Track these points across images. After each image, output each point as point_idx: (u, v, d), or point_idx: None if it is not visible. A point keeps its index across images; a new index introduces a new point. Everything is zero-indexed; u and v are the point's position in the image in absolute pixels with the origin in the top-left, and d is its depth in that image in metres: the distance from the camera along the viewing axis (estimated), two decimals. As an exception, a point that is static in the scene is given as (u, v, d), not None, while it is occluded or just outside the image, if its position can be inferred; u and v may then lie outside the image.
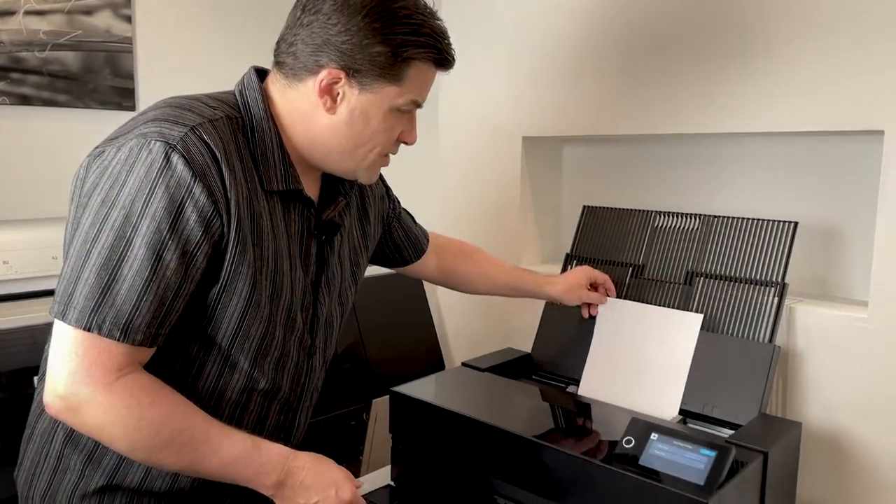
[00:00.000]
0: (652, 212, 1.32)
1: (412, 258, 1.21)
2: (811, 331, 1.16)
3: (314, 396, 1.01)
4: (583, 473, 0.92)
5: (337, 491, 0.83)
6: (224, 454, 0.80)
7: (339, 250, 0.99)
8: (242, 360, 0.87)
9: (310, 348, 0.95)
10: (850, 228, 1.24)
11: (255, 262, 0.83)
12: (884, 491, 1.10)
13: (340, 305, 1.01)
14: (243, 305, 0.84)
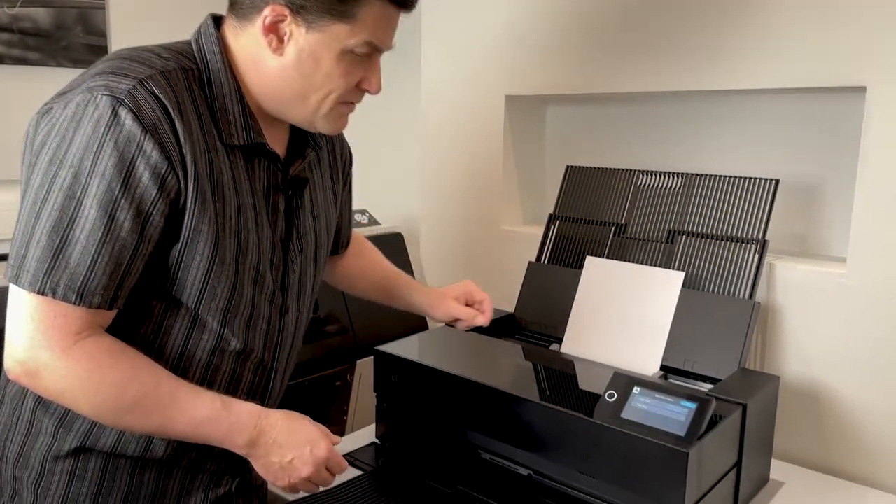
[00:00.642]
0: (635, 171, 1.32)
1: (342, 247, 1.16)
2: (790, 287, 1.18)
3: (291, 358, 0.99)
4: (566, 427, 0.93)
5: (312, 448, 0.82)
6: (193, 415, 0.79)
7: (312, 206, 0.96)
8: (211, 321, 0.85)
9: (282, 307, 0.92)
10: (829, 186, 1.25)
11: (216, 220, 0.81)
12: (857, 441, 1.13)
13: (315, 264, 0.98)
14: (207, 264, 0.82)
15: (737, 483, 0.99)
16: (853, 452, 1.14)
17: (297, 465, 0.81)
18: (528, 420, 0.97)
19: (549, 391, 1.04)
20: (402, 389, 1.12)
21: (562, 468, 0.95)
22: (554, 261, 1.36)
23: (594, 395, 0.96)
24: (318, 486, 0.86)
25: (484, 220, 1.62)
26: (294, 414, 0.85)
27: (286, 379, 1.00)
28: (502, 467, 1.02)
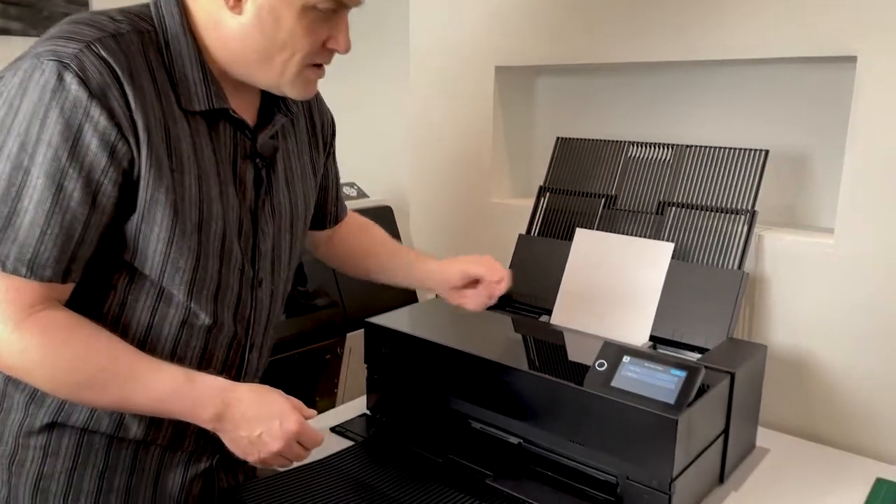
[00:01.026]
0: (625, 142, 1.32)
1: (331, 222, 1.11)
2: (778, 257, 1.18)
3: (269, 332, 0.96)
4: (556, 395, 0.94)
5: (281, 422, 0.79)
6: (154, 390, 0.77)
7: (286, 176, 0.93)
8: (177, 294, 0.82)
9: (253, 280, 0.90)
10: (818, 157, 1.26)
11: (174, 189, 0.78)
12: (841, 409, 1.15)
13: (291, 235, 0.95)
14: (167, 235, 0.79)
15: (724, 450, 1.00)
16: (837, 420, 1.15)
17: (267, 439, 0.79)
18: (519, 389, 0.98)
19: (539, 361, 1.05)
20: (393, 361, 1.13)
21: (552, 436, 0.96)
22: (544, 233, 1.36)
23: (584, 365, 0.97)
24: (291, 460, 0.84)
25: (474, 192, 1.62)
26: (263, 387, 0.83)
27: (266, 354, 0.98)
28: (493, 436, 1.03)
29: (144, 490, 0.87)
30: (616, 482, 0.91)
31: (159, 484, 0.88)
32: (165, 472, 0.89)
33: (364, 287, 1.61)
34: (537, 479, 0.97)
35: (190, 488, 0.91)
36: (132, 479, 0.86)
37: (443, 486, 0.96)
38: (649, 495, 0.88)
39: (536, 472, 0.98)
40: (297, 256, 0.98)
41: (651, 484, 0.87)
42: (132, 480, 0.86)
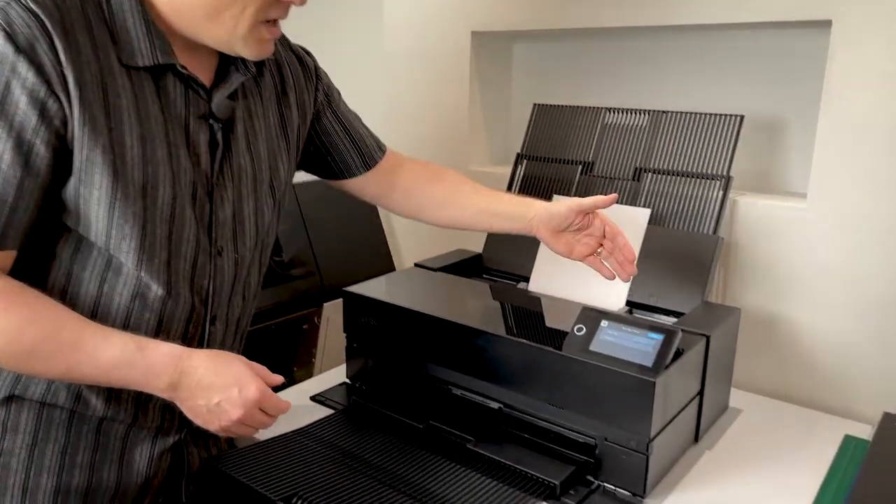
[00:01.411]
0: (602, 109, 1.31)
1: (358, 168, 1.05)
2: (752, 222, 1.20)
3: (236, 302, 0.92)
4: (536, 361, 0.94)
5: (240, 390, 0.77)
6: (102, 359, 0.74)
7: (249, 139, 0.88)
8: (125, 262, 0.79)
9: (211, 249, 0.86)
10: (791, 122, 1.27)
11: (112, 150, 0.74)
12: (812, 369, 1.18)
13: (256, 201, 0.90)
14: (108, 199, 0.75)
15: (699, 411, 1.02)
16: (808, 380, 1.18)
17: (226, 407, 0.77)
18: (499, 355, 0.98)
19: (519, 327, 1.05)
20: (373, 329, 1.12)
21: (532, 401, 0.97)
22: (521, 200, 1.36)
23: (562, 330, 0.98)
24: (256, 428, 0.82)
25: (451, 160, 1.60)
26: (222, 354, 0.80)
27: (235, 325, 0.94)
28: (473, 402, 1.04)
29: (109, 466, 0.85)
30: (595, 444, 0.93)
31: (125, 460, 0.86)
32: (131, 447, 0.87)
33: (341, 256, 1.61)
34: (518, 442, 0.98)
35: (159, 463, 0.89)
36: (96, 455, 0.84)
37: (424, 452, 0.97)
38: (627, 456, 0.89)
39: (517, 435, 0.99)
40: (267, 223, 0.94)
41: (629, 445, 0.89)
42: (96, 456, 0.84)
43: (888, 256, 1.08)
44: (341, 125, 1.04)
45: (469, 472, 0.93)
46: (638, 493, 0.89)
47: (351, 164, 1.05)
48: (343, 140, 1.04)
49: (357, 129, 1.06)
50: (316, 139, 1.03)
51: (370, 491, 0.87)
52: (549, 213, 1.01)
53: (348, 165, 1.05)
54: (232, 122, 0.86)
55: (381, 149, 1.09)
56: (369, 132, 1.08)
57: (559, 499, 0.89)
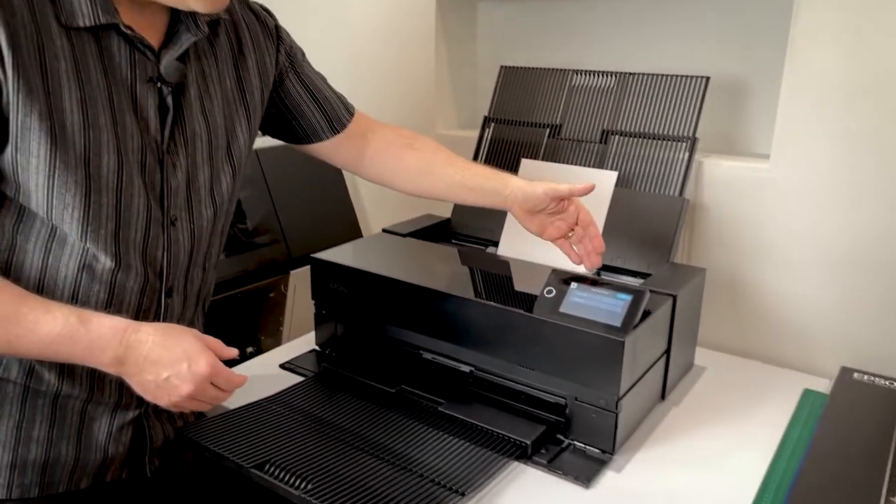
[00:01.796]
0: (569, 71, 1.31)
1: (325, 132, 1.01)
2: (717, 183, 1.21)
3: (194, 274, 0.89)
4: (507, 323, 0.95)
5: (190, 364, 0.74)
6: (42, 333, 0.71)
7: (203, 103, 0.85)
8: (70, 233, 0.76)
9: (164, 219, 0.83)
10: (755, 84, 1.27)
11: (50, 115, 0.71)
12: (774, 327, 1.21)
13: (212, 169, 0.87)
14: (47, 168, 0.72)
15: (666, 369, 1.04)
16: (769, 337, 1.21)
17: (175, 382, 0.74)
18: (469, 319, 0.98)
19: (488, 290, 1.06)
20: (341, 296, 1.11)
21: (503, 363, 0.98)
22: (490, 164, 1.35)
23: (532, 294, 0.98)
24: (209, 403, 0.80)
25: (417, 124, 1.58)
26: (172, 327, 0.77)
27: (195, 297, 0.92)
28: (444, 366, 1.04)
29: (67, 441, 0.83)
30: (565, 403, 0.94)
31: (84, 434, 0.84)
32: (89, 422, 0.85)
33: (307, 223, 1.59)
34: (489, 404, 0.99)
35: (119, 437, 0.87)
36: (53, 430, 0.82)
37: (396, 416, 0.97)
38: (597, 414, 0.91)
39: (487, 397, 1.00)
40: (226, 191, 0.90)
41: (599, 403, 0.90)
42: (53, 431, 0.82)
43: (850, 215, 1.10)
44: (305, 87, 1.00)
45: (441, 435, 0.93)
46: (607, 450, 0.91)
47: (317, 127, 1.02)
48: (308, 103, 1.01)
49: (323, 91, 1.02)
50: (279, 102, 0.99)
51: (343, 456, 0.87)
52: (525, 193, 1.00)
53: (314, 129, 1.02)
54: (183, 86, 0.83)
55: (349, 111, 1.05)
56: (336, 94, 1.05)
57: (531, 458, 0.90)
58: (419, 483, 0.82)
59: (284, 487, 0.80)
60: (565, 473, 0.88)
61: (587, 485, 0.86)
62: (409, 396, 1.03)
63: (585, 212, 1.03)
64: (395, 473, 0.84)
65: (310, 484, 0.80)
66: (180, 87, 0.82)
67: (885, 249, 1.08)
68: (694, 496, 0.85)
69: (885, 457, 0.87)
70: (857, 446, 0.90)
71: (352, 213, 1.70)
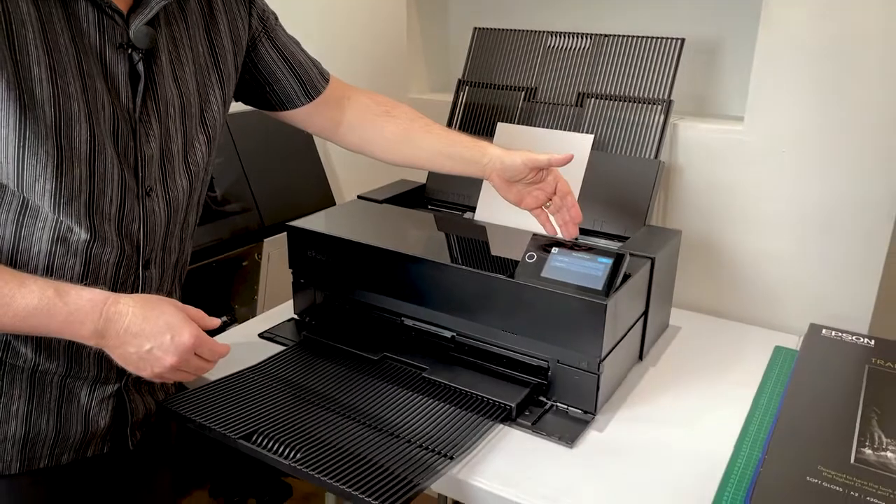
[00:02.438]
0: (544, 32, 1.29)
1: (299, 98, 1.00)
2: (691, 145, 1.22)
3: (175, 246, 0.89)
4: (489, 289, 0.95)
5: (173, 336, 0.74)
6: (18, 307, 0.70)
7: (175, 70, 0.83)
8: (42, 205, 0.74)
9: (139, 189, 0.81)
10: (728, 45, 1.28)
11: (17, 84, 0.69)
12: (746, 287, 1.24)
13: (186, 136, 0.85)
14: (16, 137, 0.70)
15: (644, 330, 1.06)
16: (741, 297, 1.24)
17: (158, 354, 0.74)
18: (451, 285, 0.98)
19: (469, 256, 1.05)
20: (320, 264, 1.10)
21: (485, 328, 0.99)
22: (464, 128, 1.34)
23: (512, 258, 0.99)
24: (193, 374, 0.80)
25: (389, 88, 1.56)
26: (152, 298, 0.76)
27: (172, 268, 0.91)
28: (426, 332, 1.04)
29: (48, 415, 0.82)
30: (547, 366, 0.95)
31: (64, 409, 0.83)
32: (69, 396, 0.84)
33: (279, 190, 1.57)
34: (472, 368, 1.00)
35: (99, 412, 0.86)
36: (32, 405, 0.81)
37: (381, 382, 0.98)
38: (579, 376, 0.92)
39: (470, 362, 1.01)
40: (201, 160, 0.89)
41: (581, 366, 0.92)
42: (32, 406, 0.81)
43: (821, 176, 1.12)
44: (279, 52, 0.98)
45: (427, 400, 0.94)
46: (589, 410, 0.93)
47: (292, 94, 1.00)
48: (282, 69, 0.98)
49: (297, 57, 1.00)
50: (252, 68, 0.97)
51: (330, 424, 0.87)
52: (504, 163, 1.00)
53: (289, 96, 1.00)
54: (154, 52, 0.80)
55: (324, 77, 1.04)
56: (311, 59, 1.03)
57: (515, 420, 0.92)
58: (407, 448, 0.83)
59: (274, 457, 0.80)
60: (549, 434, 0.89)
61: (571, 445, 0.88)
62: (392, 363, 1.03)
63: (563, 182, 1.03)
64: (384, 439, 0.85)
65: (299, 453, 0.80)
66: (151, 54, 0.80)
67: (854, 210, 1.11)
68: (675, 452, 0.87)
69: (854, 408, 0.91)
70: (828, 399, 0.94)
71: (324, 180, 1.68)
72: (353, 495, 0.73)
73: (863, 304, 1.14)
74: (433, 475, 0.79)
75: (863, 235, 1.11)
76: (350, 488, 0.74)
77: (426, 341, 1.05)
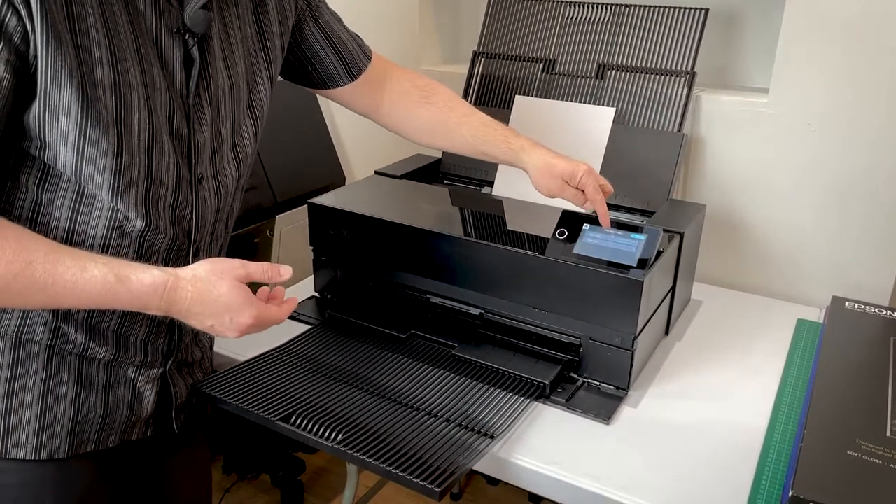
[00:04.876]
0: (562, 2, 1.27)
1: (342, 78, 0.99)
2: (714, 118, 1.21)
3: (219, 232, 0.87)
4: (520, 266, 0.94)
5: (232, 317, 0.74)
6: (80, 293, 0.69)
7: (225, 54, 0.81)
8: (99, 193, 0.73)
9: (192, 178, 0.80)
10: (750, 15, 1.26)
11: (81, 71, 0.67)
12: (768, 260, 1.24)
13: (234, 121, 0.83)
14: (77, 127, 0.68)
15: (671, 306, 1.06)
16: (763, 270, 1.25)
17: (221, 329, 0.75)
18: (480, 263, 0.98)
19: (496, 233, 1.04)
20: (342, 241, 1.09)
21: (515, 305, 0.98)
22: (480, 101, 1.32)
23: (539, 235, 0.98)
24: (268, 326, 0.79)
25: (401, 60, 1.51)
26: (213, 274, 0.73)
27: (217, 253, 0.89)
28: (454, 309, 1.03)
29: (95, 398, 0.81)
30: (579, 343, 0.95)
31: (110, 392, 0.83)
32: (116, 379, 0.83)
33: (290, 167, 1.54)
34: (501, 346, 1.00)
35: (145, 394, 0.85)
36: (80, 389, 0.80)
37: (411, 360, 0.97)
38: (612, 353, 0.92)
39: (499, 339, 1.00)
40: (248, 145, 0.87)
41: (614, 342, 0.92)
42: (80, 389, 0.80)
43: (845, 149, 1.12)
44: (323, 32, 0.96)
45: (458, 378, 0.94)
46: (622, 387, 0.93)
47: (335, 73, 0.99)
48: (325, 48, 0.97)
49: (340, 36, 0.99)
50: (296, 48, 0.95)
51: (365, 404, 0.87)
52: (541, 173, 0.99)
53: (331, 76, 0.99)
54: (207, 35, 0.78)
55: (366, 55, 1.02)
56: (353, 36, 1.01)
57: (549, 397, 0.92)
58: (447, 428, 0.83)
59: (315, 439, 0.79)
60: (585, 411, 0.89)
61: (608, 421, 0.88)
62: (420, 341, 1.02)
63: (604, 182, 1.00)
64: (422, 418, 0.84)
65: (340, 434, 0.79)
66: (204, 37, 0.78)
67: (876, 183, 1.11)
68: (710, 427, 0.88)
69: (884, 381, 0.91)
70: (858, 373, 0.94)
71: (334, 155, 1.65)
72: (402, 477, 0.73)
73: (885, 275, 1.14)
74: (476, 455, 0.79)
75: (885, 209, 1.11)
76: (398, 470, 0.74)
77: (453, 319, 1.04)
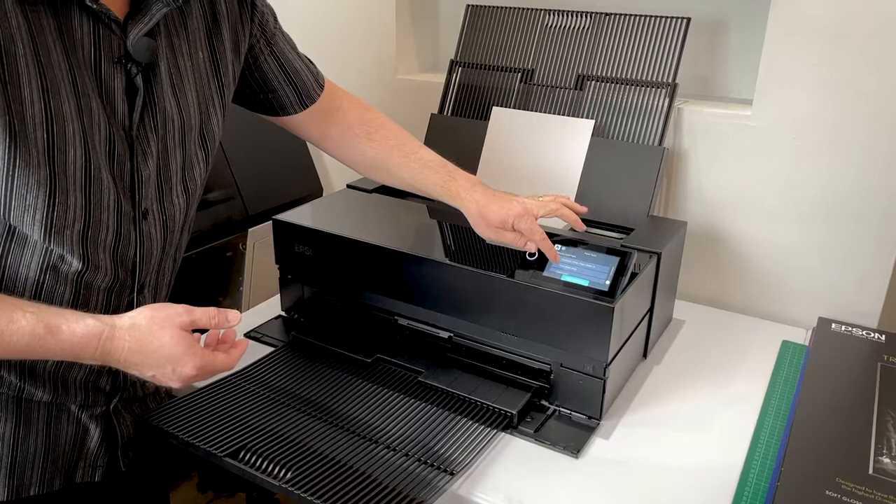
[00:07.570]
0: (541, 10, 1.23)
1: (293, 106, 0.95)
2: (696, 131, 1.17)
3: (166, 267, 0.83)
4: (488, 288, 0.90)
5: (174, 368, 0.69)
6: (8, 345, 0.65)
7: (173, 81, 0.76)
8: (31, 234, 0.69)
9: (135, 214, 0.75)
10: (733, 25, 1.22)
11: (8, 108, 0.62)
12: (752, 278, 1.19)
13: (184, 152, 0.79)
14: (4, 167, 0.64)
15: (648, 328, 1.02)
16: (747, 289, 1.20)
17: (162, 379, 0.71)
18: (448, 284, 0.93)
19: (466, 253, 1.00)
20: (308, 259, 1.05)
21: (483, 329, 0.94)
22: (458, 112, 1.28)
23: (512, 255, 0.94)
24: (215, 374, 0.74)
25: (378, 68, 1.49)
26: (151, 328, 0.69)
27: (165, 288, 0.85)
28: (421, 332, 0.99)
29: (35, 437, 0.78)
30: (549, 370, 0.91)
31: (52, 431, 0.79)
32: (57, 417, 0.79)
33: (264, 178, 1.50)
34: (469, 370, 0.95)
35: (87, 433, 0.82)
36: (19, 428, 0.76)
37: (376, 387, 0.93)
38: (584, 381, 0.88)
39: (468, 364, 0.96)
40: (198, 176, 0.82)
41: (585, 370, 0.87)
42: (19, 429, 0.76)
43: (831, 165, 1.08)
44: (277, 61, 0.92)
45: (423, 406, 0.89)
46: (594, 416, 0.89)
47: (286, 102, 0.95)
48: (279, 77, 0.92)
49: (294, 65, 0.94)
50: (249, 77, 0.91)
51: (323, 436, 0.82)
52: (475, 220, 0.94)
53: (283, 104, 0.95)
54: (154, 63, 0.73)
55: (319, 84, 0.98)
56: (306, 64, 0.97)
57: (516, 427, 0.88)
58: (405, 462, 0.79)
59: (262, 477, 0.75)
60: (553, 444, 0.85)
61: (577, 454, 0.83)
62: (386, 366, 0.98)
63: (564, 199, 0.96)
64: (379, 452, 0.80)
65: (289, 472, 0.75)
66: (150, 65, 0.73)
67: (865, 200, 1.07)
68: (685, 460, 0.83)
69: (869, 412, 0.87)
70: (842, 402, 0.90)
71: (310, 166, 1.61)
72: (349, 521, 0.69)
73: (873, 297, 1.10)
74: (434, 492, 0.74)
75: (874, 226, 1.07)
76: (345, 512, 0.70)
77: (421, 341, 1.00)
